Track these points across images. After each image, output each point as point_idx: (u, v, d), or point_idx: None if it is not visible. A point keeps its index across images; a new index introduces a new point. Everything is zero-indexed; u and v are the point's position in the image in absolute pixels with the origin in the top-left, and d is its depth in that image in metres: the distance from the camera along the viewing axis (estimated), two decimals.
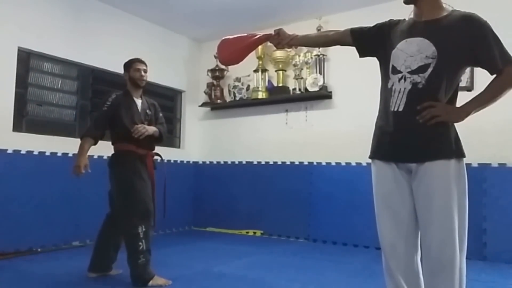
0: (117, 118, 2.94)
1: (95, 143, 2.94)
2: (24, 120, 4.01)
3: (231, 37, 2.20)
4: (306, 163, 4.92)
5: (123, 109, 2.96)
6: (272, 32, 2.12)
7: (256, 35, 2.14)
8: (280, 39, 2.09)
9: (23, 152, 3.83)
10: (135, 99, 3.07)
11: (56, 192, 4.03)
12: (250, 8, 4.72)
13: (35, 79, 4.15)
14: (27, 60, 4.04)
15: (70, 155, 4.15)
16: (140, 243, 2.75)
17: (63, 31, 4.25)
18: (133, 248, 2.75)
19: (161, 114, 3.25)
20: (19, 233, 3.73)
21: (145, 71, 3.08)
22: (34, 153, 3.92)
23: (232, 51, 2.20)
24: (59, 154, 4.07)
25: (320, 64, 4.80)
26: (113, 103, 2.96)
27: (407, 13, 1.85)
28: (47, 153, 4.01)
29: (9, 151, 3.74)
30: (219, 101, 5.56)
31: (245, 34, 2.18)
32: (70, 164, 4.05)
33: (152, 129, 3.00)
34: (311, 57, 4.82)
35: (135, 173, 2.89)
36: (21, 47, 3.91)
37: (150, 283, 2.74)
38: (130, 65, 3.06)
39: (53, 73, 4.31)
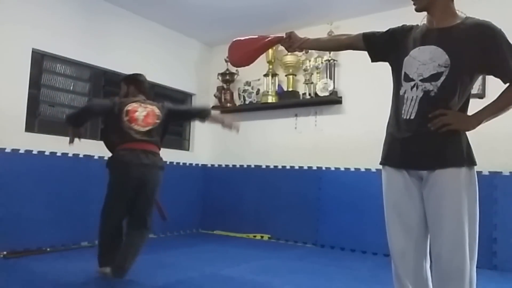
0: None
1: None
2: (36, 121, 4.06)
3: (242, 38, 2.20)
4: (315, 168, 4.91)
5: None
6: (284, 35, 2.12)
7: (268, 37, 2.13)
8: (291, 42, 2.09)
9: (35, 152, 3.87)
10: None
11: (66, 193, 4.07)
12: (261, 13, 4.74)
13: (48, 80, 4.20)
14: (40, 62, 4.10)
15: (81, 155, 4.20)
16: None
17: (77, 33, 4.31)
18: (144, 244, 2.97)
19: None
20: (28, 232, 3.76)
21: None
22: (46, 153, 3.96)
23: (243, 53, 2.21)
24: (70, 155, 4.11)
25: (330, 69, 4.79)
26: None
27: (419, 19, 1.85)
28: (58, 154, 4.05)
29: (21, 151, 3.78)
30: (229, 104, 5.57)
31: (257, 36, 2.18)
32: (80, 165, 4.17)
33: None
34: (322, 62, 4.82)
35: None
36: (35, 48, 3.97)
37: None
38: (133, 82, 3.26)
39: (65, 74, 4.36)
